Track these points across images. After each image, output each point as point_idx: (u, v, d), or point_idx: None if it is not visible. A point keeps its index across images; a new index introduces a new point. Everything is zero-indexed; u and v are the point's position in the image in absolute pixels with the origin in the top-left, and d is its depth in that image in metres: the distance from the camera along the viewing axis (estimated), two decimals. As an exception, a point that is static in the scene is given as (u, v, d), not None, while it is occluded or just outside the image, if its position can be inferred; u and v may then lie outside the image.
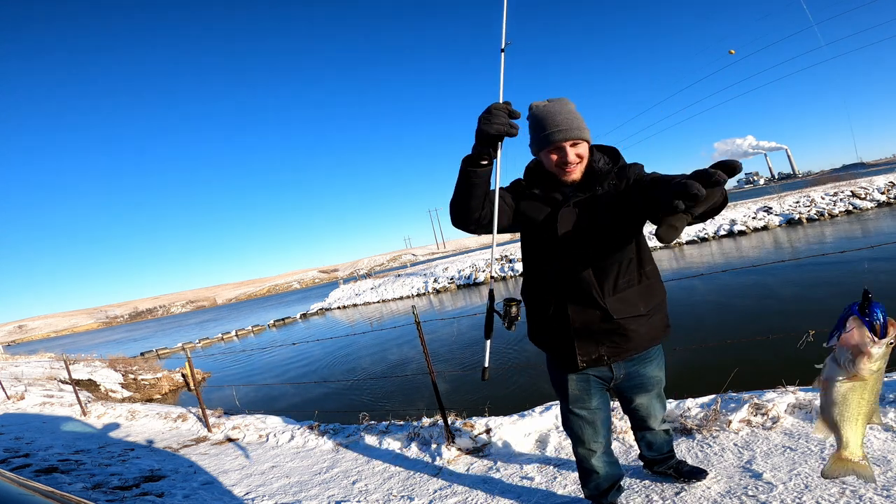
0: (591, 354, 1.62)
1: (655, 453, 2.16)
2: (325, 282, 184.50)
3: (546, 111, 1.48)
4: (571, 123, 1.46)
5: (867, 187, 22.65)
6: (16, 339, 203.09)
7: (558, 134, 1.46)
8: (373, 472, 3.27)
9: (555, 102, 1.50)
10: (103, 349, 28.41)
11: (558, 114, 1.46)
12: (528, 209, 1.62)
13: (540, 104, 1.52)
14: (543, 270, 1.64)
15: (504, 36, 1.64)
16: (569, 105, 1.50)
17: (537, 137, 1.52)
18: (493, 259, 1.75)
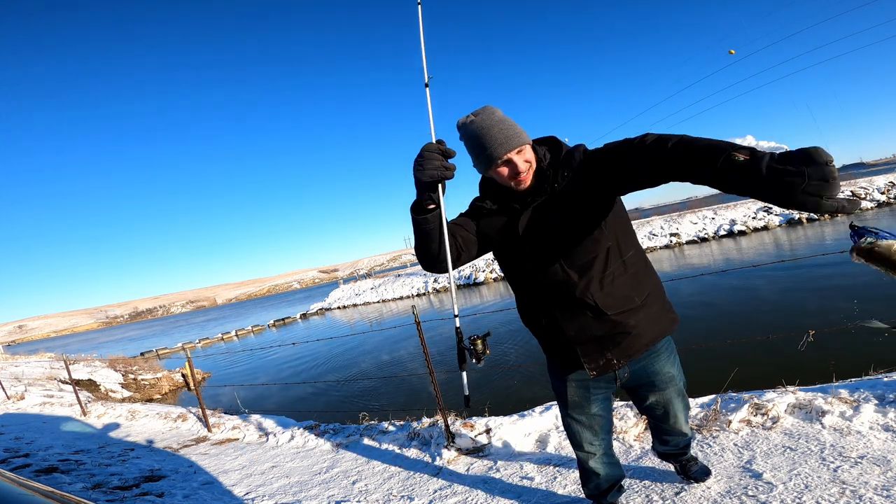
0: (599, 361, 1.53)
1: (671, 447, 2.03)
2: (325, 282, 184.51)
3: (478, 128, 1.38)
4: (508, 132, 1.37)
5: (867, 187, 22.66)
6: (16, 339, 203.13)
7: (499, 149, 1.36)
8: (373, 472, 3.27)
9: (482, 116, 1.40)
10: (103, 349, 28.42)
11: (491, 127, 1.37)
12: (489, 227, 1.55)
13: (467, 121, 1.42)
14: (524, 284, 1.58)
15: (426, 70, 1.58)
16: (496, 113, 1.40)
17: (479, 158, 1.42)
18: (453, 293, 1.65)
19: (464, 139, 1.44)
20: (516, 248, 1.51)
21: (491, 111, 1.41)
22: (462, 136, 1.45)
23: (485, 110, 1.41)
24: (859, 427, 2.28)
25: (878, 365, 3.04)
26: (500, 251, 1.59)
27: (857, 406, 2.40)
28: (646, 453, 2.57)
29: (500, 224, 1.53)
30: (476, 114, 1.42)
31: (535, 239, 1.47)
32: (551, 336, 1.58)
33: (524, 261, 1.52)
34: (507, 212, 1.52)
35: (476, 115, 1.41)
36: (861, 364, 3.19)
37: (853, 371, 3.03)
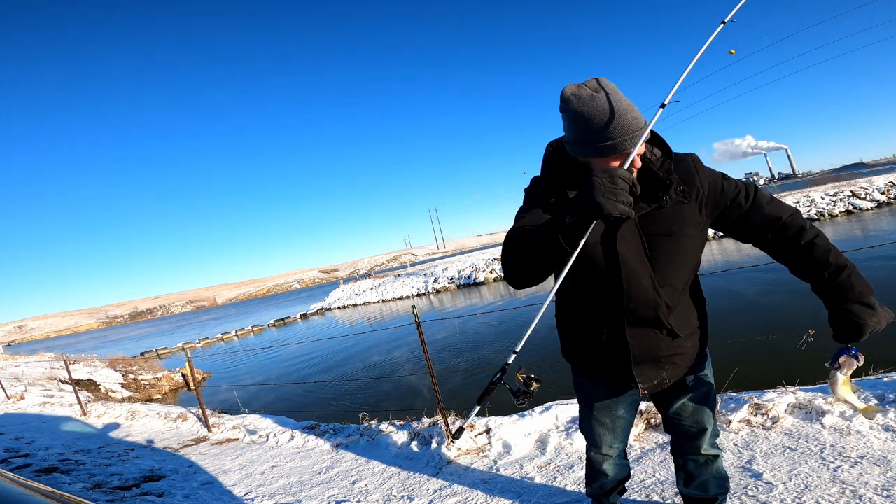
0: (653, 380, 1.41)
1: (697, 491, 1.67)
2: (325, 282, 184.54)
3: (604, 106, 1.14)
4: (639, 123, 1.16)
5: (867, 187, 22.66)
6: (16, 339, 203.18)
7: (628, 141, 1.15)
8: (373, 472, 3.27)
9: (608, 92, 1.16)
10: (103, 349, 28.41)
11: (623, 113, 1.14)
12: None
13: (585, 93, 1.17)
14: (593, 296, 1.37)
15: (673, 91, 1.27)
16: (621, 94, 1.18)
17: (594, 143, 1.17)
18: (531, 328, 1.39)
19: (574, 113, 1.18)
20: (603, 258, 1.29)
21: (615, 89, 1.18)
22: (573, 108, 1.18)
23: (607, 85, 1.18)
24: (859, 427, 2.28)
25: (878, 365, 3.03)
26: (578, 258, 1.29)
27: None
28: (646, 453, 2.57)
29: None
30: (597, 88, 1.17)
31: (634, 253, 1.28)
32: (608, 353, 1.41)
33: (607, 273, 1.30)
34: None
35: (598, 89, 1.17)
36: (861, 365, 3.18)
37: (853, 371, 3.03)
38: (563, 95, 1.21)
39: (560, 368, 7.20)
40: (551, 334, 1.64)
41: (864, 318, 1.21)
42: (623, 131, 1.14)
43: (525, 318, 11.90)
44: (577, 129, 1.19)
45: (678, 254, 1.30)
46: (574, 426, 3.04)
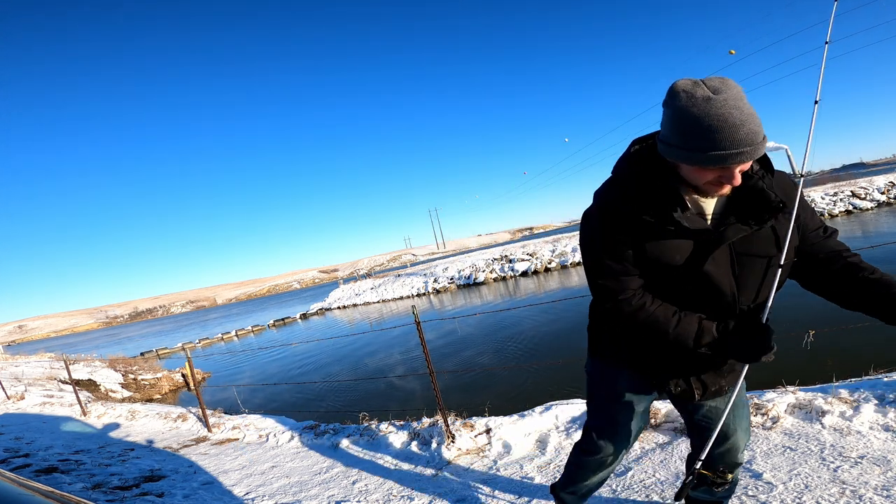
0: (713, 387, 1.35)
1: (706, 495, 1.67)
2: (325, 282, 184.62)
3: (720, 112, 0.98)
4: (760, 134, 1.00)
5: (867, 187, 22.66)
6: (16, 339, 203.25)
7: (745, 154, 1.00)
8: (373, 472, 3.27)
9: (730, 95, 0.99)
10: (103, 349, 28.41)
11: (742, 124, 0.98)
12: (660, 252, 1.17)
13: (703, 93, 1.00)
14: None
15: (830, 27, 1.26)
16: (748, 104, 1.01)
17: (696, 151, 1.03)
18: (714, 433, 1.29)
19: (680, 111, 1.03)
20: (689, 279, 1.19)
21: (741, 93, 1.02)
22: (680, 105, 1.03)
23: (731, 88, 1.01)
24: (859, 427, 2.28)
25: (878, 365, 3.04)
26: (659, 273, 1.21)
27: (857, 406, 2.40)
28: (646, 453, 2.57)
29: (674, 249, 1.16)
30: (717, 89, 1.01)
31: (722, 273, 1.18)
32: (671, 363, 1.34)
33: (690, 293, 1.21)
34: (684, 232, 1.14)
35: (718, 90, 1.01)
36: (861, 364, 3.19)
37: (853, 371, 3.04)
38: (672, 89, 1.06)
39: (560, 369, 7.20)
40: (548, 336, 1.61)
41: None
42: (736, 143, 0.99)
43: (525, 317, 11.90)
44: (680, 131, 1.04)
45: (768, 277, 1.21)
46: (574, 426, 3.03)
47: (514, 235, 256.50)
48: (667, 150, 1.10)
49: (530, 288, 19.65)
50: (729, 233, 1.15)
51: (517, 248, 29.74)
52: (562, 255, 24.00)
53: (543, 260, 23.99)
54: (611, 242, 1.21)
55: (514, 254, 26.80)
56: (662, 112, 1.10)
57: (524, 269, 24.05)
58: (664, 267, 1.18)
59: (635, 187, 1.17)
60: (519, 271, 24.19)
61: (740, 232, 1.14)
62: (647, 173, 1.17)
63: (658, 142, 1.14)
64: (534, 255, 25.43)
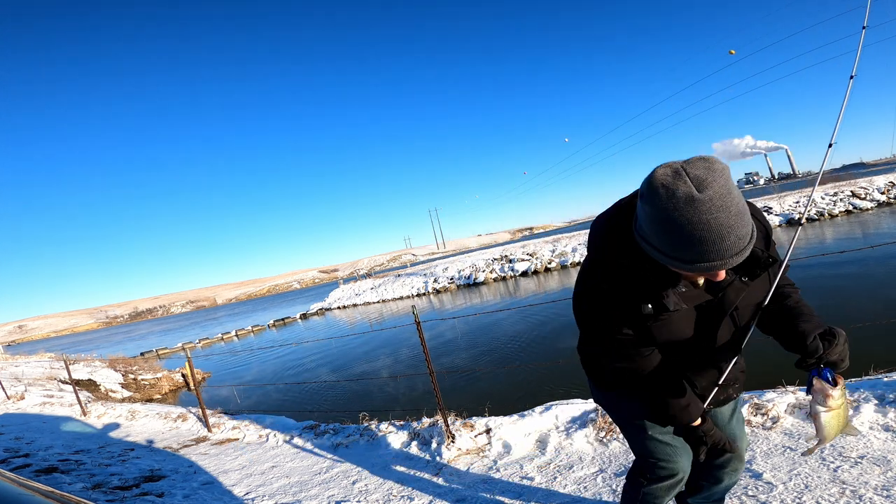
0: (720, 396, 1.38)
1: (703, 499, 1.67)
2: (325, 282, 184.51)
3: (705, 220, 0.88)
4: (744, 240, 0.92)
5: (867, 187, 22.66)
6: (16, 339, 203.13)
7: (724, 265, 0.93)
8: (373, 472, 3.27)
9: (717, 193, 0.88)
10: (103, 349, 28.42)
11: (731, 231, 0.89)
12: (667, 332, 1.17)
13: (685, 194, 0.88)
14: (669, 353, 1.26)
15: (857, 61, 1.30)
16: (734, 197, 0.90)
17: (678, 261, 0.95)
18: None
19: (660, 215, 0.92)
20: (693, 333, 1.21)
21: (727, 185, 0.90)
22: (660, 207, 0.91)
23: (715, 180, 0.89)
24: (859, 427, 2.28)
25: (878, 365, 3.04)
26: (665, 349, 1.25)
27: (857, 406, 2.40)
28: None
29: (676, 324, 1.17)
30: (701, 184, 0.89)
31: (725, 328, 1.22)
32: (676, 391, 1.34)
33: (693, 342, 1.22)
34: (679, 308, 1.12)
35: (702, 186, 0.89)
36: (861, 364, 3.19)
37: (853, 371, 3.03)
38: (650, 183, 0.94)
39: (560, 369, 7.19)
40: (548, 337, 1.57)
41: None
42: (723, 253, 0.91)
43: (525, 317, 11.90)
44: (660, 235, 0.95)
45: (760, 312, 1.25)
46: (574, 426, 3.03)
47: (514, 235, 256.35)
48: (647, 248, 1.01)
49: (530, 288, 19.64)
50: (730, 296, 1.16)
51: (517, 248, 29.74)
52: (562, 255, 24.00)
53: (543, 260, 23.99)
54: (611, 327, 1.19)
55: (514, 254, 26.81)
56: (639, 203, 0.99)
57: (524, 269, 24.04)
58: (670, 343, 1.20)
59: (626, 279, 1.11)
60: (519, 271, 24.19)
61: (739, 292, 1.16)
62: (634, 257, 1.08)
63: (636, 234, 1.04)
64: (534, 255, 25.43)
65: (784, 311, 1.20)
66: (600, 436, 2.87)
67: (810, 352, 1.07)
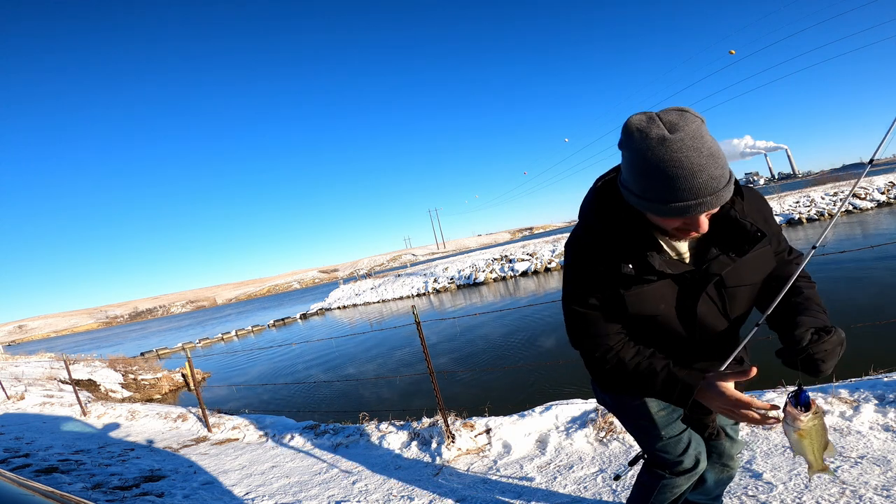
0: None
1: (703, 496, 1.65)
2: (325, 282, 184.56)
3: (677, 158, 0.90)
4: (720, 180, 0.93)
5: (867, 187, 22.66)
6: (16, 339, 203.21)
7: (703, 205, 0.93)
8: (373, 471, 3.27)
9: (687, 136, 0.91)
10: (103, 349, 28.42)
11: (702, 168, 0.90)
12: (642, 302, 1.12)
13: (658, 134, 0.92)
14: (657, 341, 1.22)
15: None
16: (706, 138, 0.92)
17: (656, 202, 0.96)
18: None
19: (634, 156, 0.96)
20: (680, 318, 1.16)
21: (699, 130, 0.92)
22: (634, 149, 0.96)
23: (689, 123, 0.92)
24: (859, 427, 2.28)
25: (878, 365, 3.04)
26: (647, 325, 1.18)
27: (857, 406, 2.40)
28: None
29: (663, 297, 1.12)
30: (673, 126, 0.92)
31: (713, 311, 1.16)
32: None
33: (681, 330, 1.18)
34: (669, 278, 1.10)
35: (674, 128, 0.92)
36: (861, 364, 3.19)
37: (853, 371, 3.04)
38: (625, 127, 0.98)
39: (560, 369, 7.19)
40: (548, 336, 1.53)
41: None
42: (695, 192, 0.92)
43: (525, 317, 11.91)
44: (636, 178, 0.97)
45: (752, 297, 1.20)
46: (574, 426, 3.03)
47: (514, 235, 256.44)
48: (629, 197, 1.03)
49: (530, 288, 19.65)
50: (714, 268, 1.11)
51: (517, 248, 29.74)
52: (562, 255, 24.00)
53: (543, 260, 23.99)
54: (588, 296, 1.16)
55: (514, 254, 26.80)
56: (620, 153, 1.02)
57: (524, 269, 24.05)
58: (649, 317, 1.14)
59: (607, 237, 1.10)
60: (519, 271, 24.19)
61: (725, 266, 1.11)
62: (617, 219, 1.10)
63: (620, 186, 1.07)
64: (534, 255, 25.43)
65: (791, 304, 1.12)
66: (600, 436, 2.87)
67: (794, 340, 1.00)
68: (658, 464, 1.46)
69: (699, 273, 1.11)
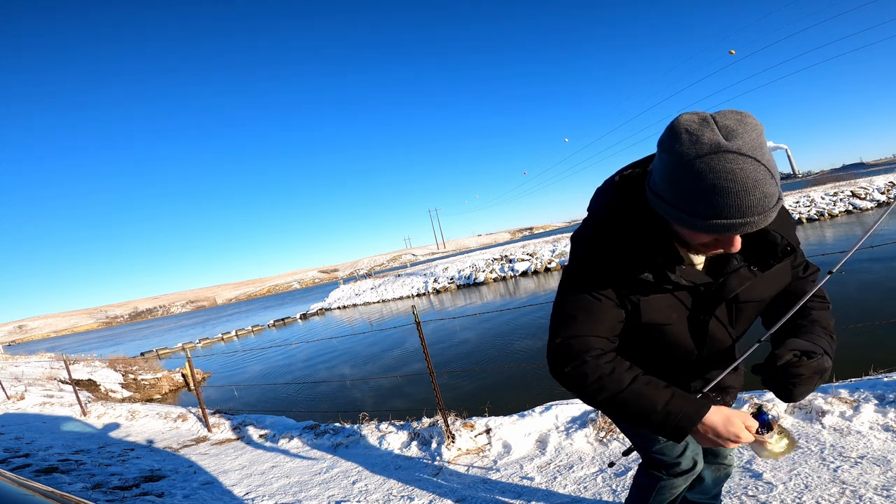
0: (716, 398, 1.32)
1: (702, 496, 1.63)
2: (325, 282, 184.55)
3: (732, 172, 0.77)
4: (770, 203, 0.80)
5: (867, 187, 22.68)
6: (16, 339, 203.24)
7: (744, 227, 0.82)
8: (373, 471, 3.27)
9: (749, 144, 0.78)
10: (103, 349, 28.42)
11: (757, 186, 0.78)
12: (654, 312, 1.05)
13: (711, 141, 0.79)
14: (657, 357, 1.16)
15: None
16: (767, 155, 0.79)
17: (696, 218, 0.84)
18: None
19: (680, 163, 0.82)
20: (688, 333, 1.10)
21: (759, 139, 0.79)
22: (681, 153, 0.82)
23: (747, 132, 0.79)
24: (859, 427, 2.28)
25: (878, 365, 3.04)
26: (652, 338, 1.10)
27: (857, 406, 2.40)
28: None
29: (675, 307, 1.05)
30: (731, 131, 0.79)
31: (721, 326, 1.10)
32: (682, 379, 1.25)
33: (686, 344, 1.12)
34: (685, 288, 1.03)
35: (732, 133, 0.79)
36: (861, 364, 3.19)
37: (853, 371, 3.04)
38: (672, 127, 0.84)
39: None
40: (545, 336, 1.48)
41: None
42: (745, 211, 0.79)
43: (525, 317, 11.90)
44: (674, 185, 0.85)
45: (759, 311, 1.14)
46: (574, 426, 3.03)
47: (514, 235, 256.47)
48: (658, 204, 0.91)
49: (530, 288, 19.65)
50: (732, 283, 1.02)
51: (517, 248, 29.74)
52: (562, 255, 23.99)
53: (543, 260, 23.99)
54: (598, 295, 1.04)
55: (514, 254, 26.80)
56: (657, 153, 0.89)
57: (524, 269, 24.05)
58: (658, 327, 1.07)
59: (625, 242, 1.00)
60: (519, 271, 24.19)
61: (744, 280, 1.01)
62: (636, 224, 0.99)
63: (648, 189, 0.95)
64: (534, 255, 25.43)
65: (794, 326, 1.04)
66: (600, 436, 2.87)
67: (772, 358, 0.94)
68: (655, 465, 1.45)
69: (716, 286, 1.02)
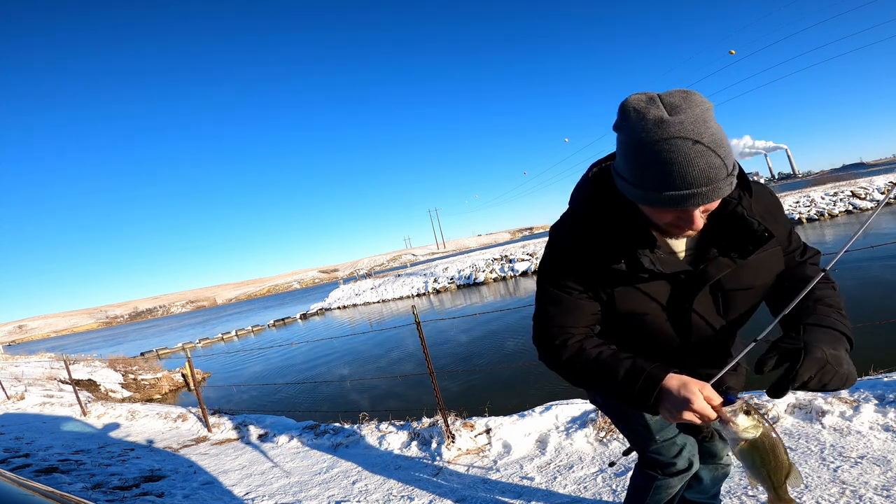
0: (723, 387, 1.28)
1: (701, 495, 1.61)
2: (325, 282, 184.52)
3: (674, 144, 0.81)
4: (721, 170, 0.83)
5: (867, 187, 22.68)
6: (16, 339, 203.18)
7: (693, 198, 0.84)
8: (373, 472, 3.27)
9: (692, 118, 0.81)
10: (103, 349, 28.42)
11: (700, 156, 0.81)
12: (631, 302, 1.05)
13: (655, 116, 0.83)
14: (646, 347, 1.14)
15: None
16: (712, 128, 0.82)
17: (649, 191, 0.87)
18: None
19: (629, 139, 0.87)
20: (671, 321, 1.09)
21: (703, 115, 0.82)
22: (629, 130, 0.86)
23: (694, 106, 0.83)
24: (859, 427, 2.28)
25: (878, 365, 3.04)
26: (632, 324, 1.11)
27: (857, 406, 2.40)
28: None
29: (654, 296, 1.05)
30: (675, 108, 0.83)
31: (708, 314, 1.08)
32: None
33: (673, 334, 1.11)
34: (662, 277, 1.02)
35: (675, 110, 0.82)
36: (861, 364, 3.19)
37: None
38: (622, 107, 0.89)
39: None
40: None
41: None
42: (690, 182, 0.82)
43: (525, 317, 11.90)
44: (629, 163, 0.89)
45: (753, 302, 1.12)
46: (574, 426, 3.03)
47: (514, 235, 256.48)
48: (621, 185, 0.94)
49: (530, 288, 19.65)
50: (711, 270, 1.02)
51: (517, 248, 29.74)
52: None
53: (543, 260, 23.99)
54: (569, 285, 1.07)
55: (514, 254, 26.80)
56: (616, 136, 0.94)
57: (524, 269, 24.05)
58: (638, 316, 1.07)
59: (598, 231, 1.02)
60: (519, 271, 24.19)
61: (724, 268, 1.01)
62: (609, 211, 1.01)
63: (613, 172, 0.98)
64: (534, 255, 25.43)
65: (801, 308, 1.01)
66: (600, 436, 2.87)
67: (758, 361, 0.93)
68: (650, 465, 1.45)
69: (695, 274, 1.02)
